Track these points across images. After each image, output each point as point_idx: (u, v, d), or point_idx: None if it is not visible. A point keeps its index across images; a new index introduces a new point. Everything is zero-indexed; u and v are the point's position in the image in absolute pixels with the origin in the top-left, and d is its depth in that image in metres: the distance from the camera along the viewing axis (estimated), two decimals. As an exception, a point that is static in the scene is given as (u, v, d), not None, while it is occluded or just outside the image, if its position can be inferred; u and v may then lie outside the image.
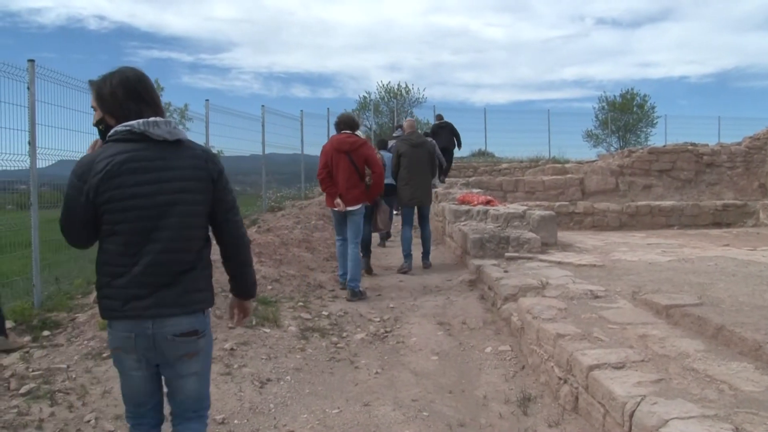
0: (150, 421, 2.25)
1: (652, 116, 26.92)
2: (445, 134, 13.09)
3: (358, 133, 6.28)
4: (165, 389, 2.27)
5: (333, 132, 6.58)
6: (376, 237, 8.37)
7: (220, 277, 5.64)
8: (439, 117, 13.88)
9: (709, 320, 3.74)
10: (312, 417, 3.44)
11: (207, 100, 9.16)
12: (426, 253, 7.53)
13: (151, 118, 2.03)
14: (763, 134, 13.74)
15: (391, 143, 8.93)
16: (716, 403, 2.65)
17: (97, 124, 2.20)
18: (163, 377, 2.22)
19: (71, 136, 5.61)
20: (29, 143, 4.91)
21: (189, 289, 2.09)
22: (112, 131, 2.05)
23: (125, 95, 2.04)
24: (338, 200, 6.01)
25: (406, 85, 26.02)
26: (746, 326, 3.55)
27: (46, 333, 4.45)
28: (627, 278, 5.46)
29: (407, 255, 7.33)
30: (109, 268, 2.06)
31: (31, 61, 4.90)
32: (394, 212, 8.36)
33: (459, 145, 13.73)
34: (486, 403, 3.63)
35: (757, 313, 3.93)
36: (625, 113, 26.68)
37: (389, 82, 26.83)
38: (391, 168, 7.46)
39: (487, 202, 8.74)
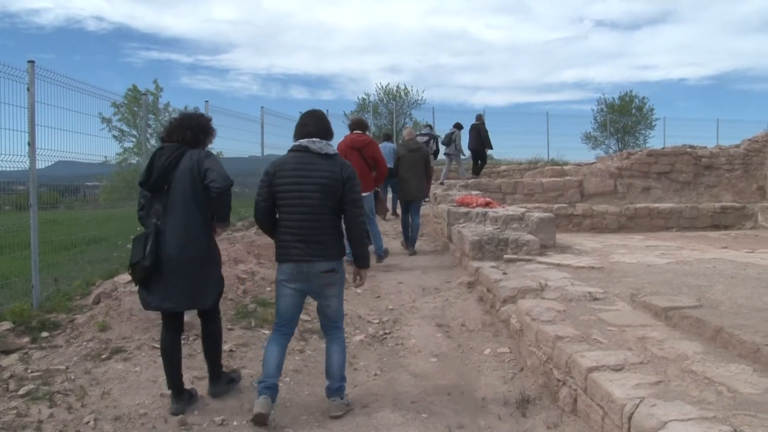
0: (288, 331, 3.52)
1: (650, 118, 26.94)
2: (473, 135, 14.00)
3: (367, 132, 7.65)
4: (317, 311, 3.60)
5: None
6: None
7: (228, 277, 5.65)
8: (478, 117, 14.57)
9: (708, 322, 3.75)
10: (311, 419, 3.44)
11: (207, 101, 9.13)
12: (413, 240, 8.61)
13: (313, 138, 3.37)
14: (761, 137, 13.74)
15: (421, 138, 11.42)
16: (715, 405, 2.66)
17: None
18: (316, 303, 3.53)
19: (70, 137, 5.62)
20: (29, 144, 4.91)
21: (327, 246, 3.35)
22: (291, 146, 3.43)
23: (301, 124, 3.47)
24: None
25: (405, 87, 25.99)
26: (745, 328, 3.56)
27: (45, 334, 4.44)
28: (626, 280, 5.47)
29: (406, 236, 8.65)
30: (281, 229, 3.38)
31: (31, 62, 4.89)
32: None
33: (488, 146, 14.63)
34: (485, 405, 3.63)
35: (756, 315, 3.94)
36: (623, 115, 26.70)
37: (388, 84, 26.74)
38: (389, 156, 8.94)
39: (486, 204, 8.76)
